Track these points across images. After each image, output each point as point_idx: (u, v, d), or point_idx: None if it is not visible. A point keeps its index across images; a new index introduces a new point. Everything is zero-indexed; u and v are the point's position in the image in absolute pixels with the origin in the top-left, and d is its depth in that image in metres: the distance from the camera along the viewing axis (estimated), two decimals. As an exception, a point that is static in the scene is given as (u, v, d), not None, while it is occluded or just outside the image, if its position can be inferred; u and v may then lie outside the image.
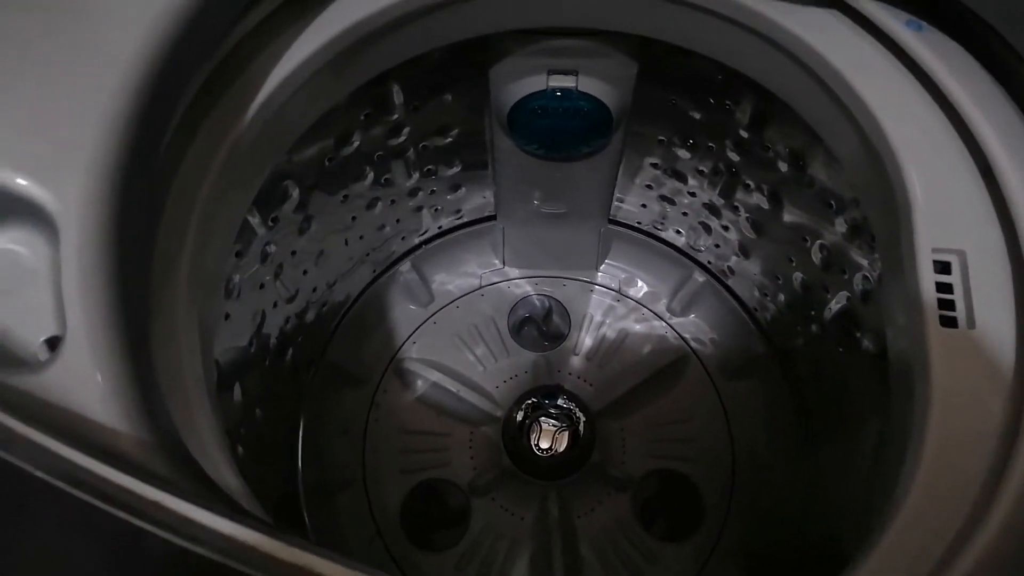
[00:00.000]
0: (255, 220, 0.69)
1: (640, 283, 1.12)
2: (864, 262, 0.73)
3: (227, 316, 0.68)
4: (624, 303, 1.11)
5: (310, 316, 0.93)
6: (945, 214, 0.50)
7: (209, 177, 0.49)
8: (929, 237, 0.49)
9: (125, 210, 0.38)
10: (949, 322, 0.48)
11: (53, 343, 0.36)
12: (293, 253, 0.80)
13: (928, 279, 0.49)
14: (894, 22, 0.52)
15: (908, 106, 0.52)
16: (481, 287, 1.11)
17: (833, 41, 0.54)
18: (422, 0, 0.56)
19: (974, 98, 0.50)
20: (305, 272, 0.85)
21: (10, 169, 0.35)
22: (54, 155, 0.35)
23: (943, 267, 0.49)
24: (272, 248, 0.74)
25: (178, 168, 0.48)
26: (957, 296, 0.48)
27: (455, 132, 0.86)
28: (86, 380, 0.35)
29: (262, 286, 0.75)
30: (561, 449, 0.97)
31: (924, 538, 0.42)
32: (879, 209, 0.56)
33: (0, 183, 0.35)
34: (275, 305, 0.81)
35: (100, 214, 0.36)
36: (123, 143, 0.38)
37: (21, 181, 0.35)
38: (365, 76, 0.62)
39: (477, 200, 1.04)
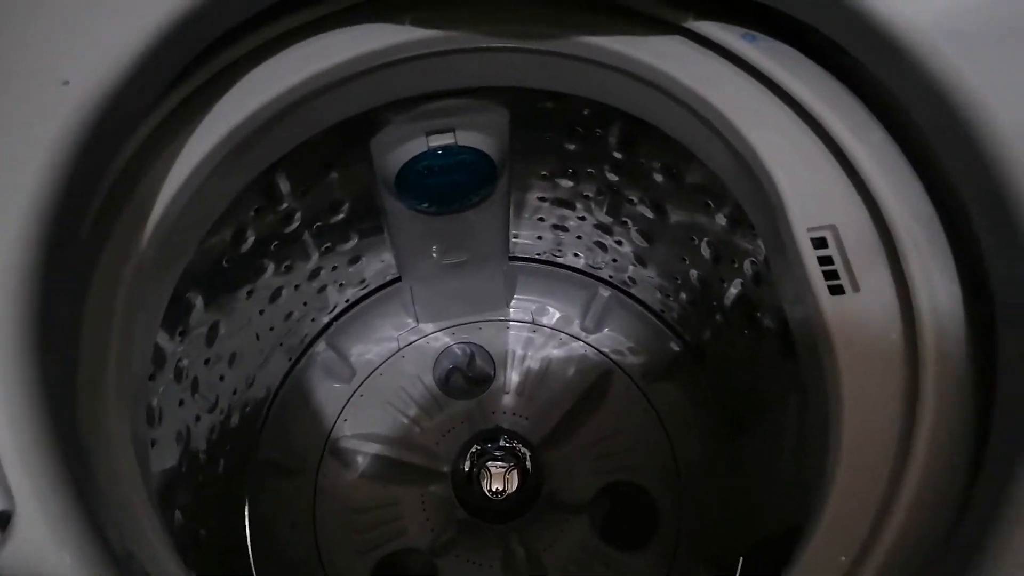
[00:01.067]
0: (163, 338, 0.67)
1: (551, 310, 1.15)
2: (749, 247, 0.80)
3: (153, 443, 0.65)
4: (540, 332, 1.14)
5: (235, 420, 0.90)
6: (812, 196, 0.55)
7: (118, 305, 0.48)
8: (802, 219, 0.55)
9: (45, 362, 0.37)
10: (836, 290, 0.53)
11: (1, 517, 0.35)
12: (207, 362, 0.78)
13: (810, 255, 0.54)
14: (731, 37, 0.58)
15: (758, 109, 0.58)
16: (400, 349, 1.12)
17: (682, 63, 0.59)
18: (302, 90, 0.57)
19: (813, 91, 0.56)
20: (222, 377, 0.83)
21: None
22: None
23: (820, 242, 0.55)
24: (185, 362, 0.72)
25: (84, 302, 0.46)
26: (838, 266, 0.54)
27: (346, 207, 0.87)
28: (47, 553, 0.34)
29: (182, 403, 0.73)
30: (513, 488, 0.98)
31: (864, 490, 0.47)
32: (754, 202, 0.61)
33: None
34: (198, 419, 0.78)
35: (23, 376, 0.35)
36: (32, 296, 0.37)
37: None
38: (253, 173, 0.63)
39: (378, 266, 1.05)
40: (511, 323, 1.15)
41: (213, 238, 0.71)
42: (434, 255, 1.03)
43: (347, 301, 1.06)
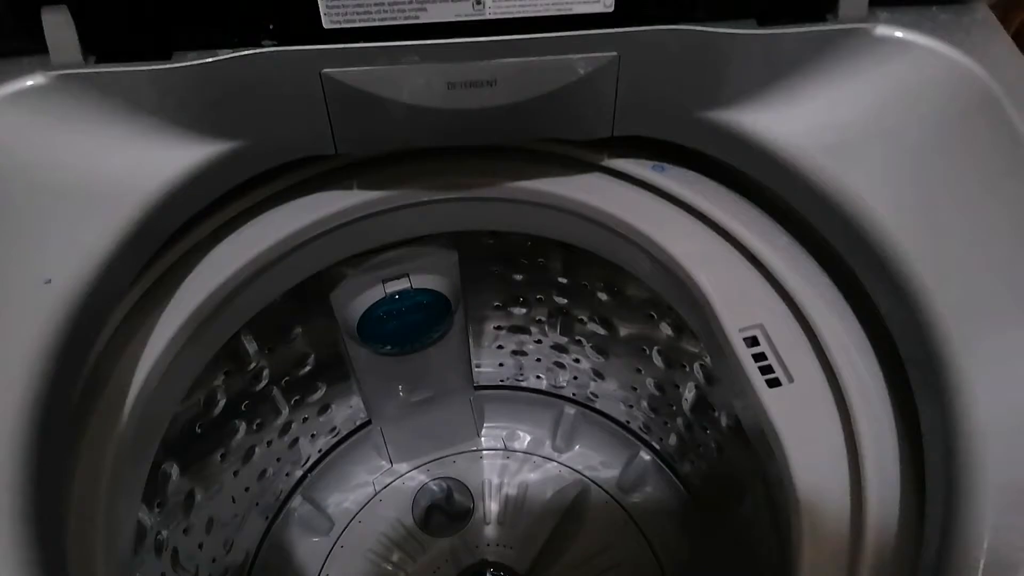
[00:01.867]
0: (142, 512, 0.67)
1: (521, 434, 1.17)
2: (696, 350, 0.85)
3: (137, 622, 0.65)
4: (514, 458, 1.16)
5: (215, 589, 0.88)
6: (737, 299, 0.61)
7: (102, 488, 0.50)
8: (733, 321, 0.60)
9: (46, 554, 0.38)
10: (773, 383, 0.57)
11: None
12: (185, 531, 0.78)
13: (745, 354, 0.59)
14: (642, 169, 0.66)
15: (675, 226, 0.64)
16: (377, 493, 1.12)
17: (604, 194, 0.66)
18: (261, 260, 0.62)
19: (720, 207, 0.63)
20: (200, 546, 0.83)
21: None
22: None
23: (752, 340, 0.60)
24: (164, 534, 0.73)
25: (71, 486, 0.48)
26: (772, 360, 0.58)
27: (311, 358, 0.91)
28: None
29: (163, 576, 0.73)
30: (507, 623, 0.97)
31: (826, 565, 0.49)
32: (690, 310, 0.67)
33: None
34: (179, 591, 0.77)
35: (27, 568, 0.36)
36: (28, 489, 0.39)
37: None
38: (220, 342, 0.66)
39: (347, 412, 1.07)
40: (484, 452, 1.17)
41: (185, 406, 0.73)
42: (401, 394, 1.06)
43: (320, 451, 1.07)
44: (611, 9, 0.52)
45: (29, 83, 0.49)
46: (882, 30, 0.55)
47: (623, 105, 0.57)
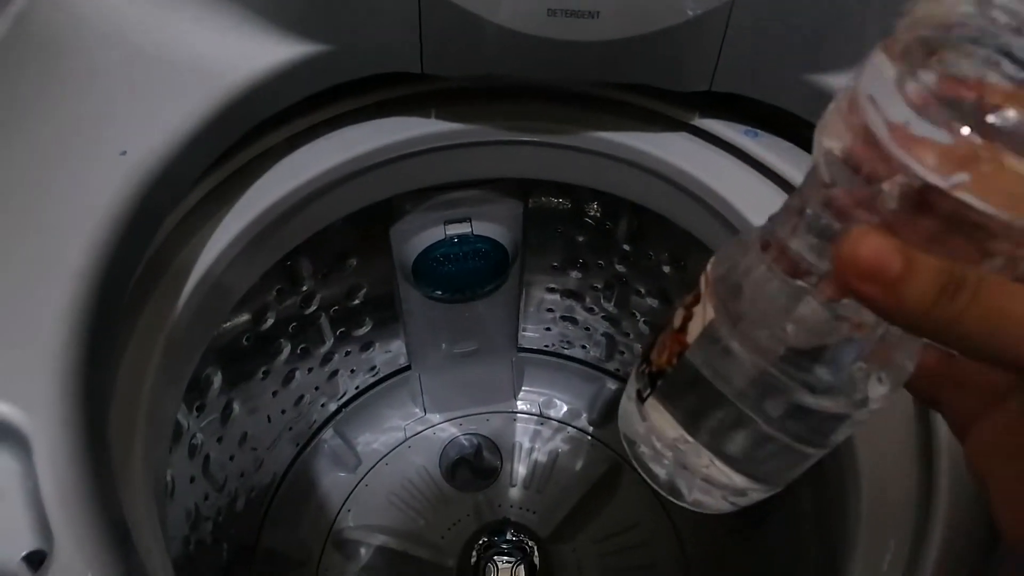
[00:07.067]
0: (181, 413, 0.68)
1: (559, 403, 1.16)
2: (756, 339, 0.81)
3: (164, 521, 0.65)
4: (548, 425, 1.14)
5: (240, 505, 0.89)
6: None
7: (150, 371, 0.49)
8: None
9: (88, 413, 0.38)
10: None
11: (33, 558, 0.35)
12: (219, 440, 0.78)
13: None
14: (734, 133, 0.62)
15: (763, 197, 0.61)
16: (407, 439, 1.11)
17: (690, 156, 0.63)
18: (329, 176, 0.61)
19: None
20: (232, 457, 0.83)
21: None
22: (16, 372, 0.36)
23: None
24: (199, 438, 0.73)
25: (119, 368, 0.48)
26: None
27: (363, 292, 0.90)
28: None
29: (192, 479, 0.73)
30: (520, 584, 0.96)
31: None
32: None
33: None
34: (206, 497, 0.78)
35: (69, 421, 0.36)
36: (80, 348, 0.38)
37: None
38: (278, 254, 0.65)
39: (389, 354, 1.06)
40: (519, 415, 1.15)
41: (236, 316, 0.73)
42: (444, 344, 1.05)
43: (357, 388, 1.07)
44: (733, -53, 0.49)
45: (133, -45, 0.48)
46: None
47: (727, 57, 0.54)
